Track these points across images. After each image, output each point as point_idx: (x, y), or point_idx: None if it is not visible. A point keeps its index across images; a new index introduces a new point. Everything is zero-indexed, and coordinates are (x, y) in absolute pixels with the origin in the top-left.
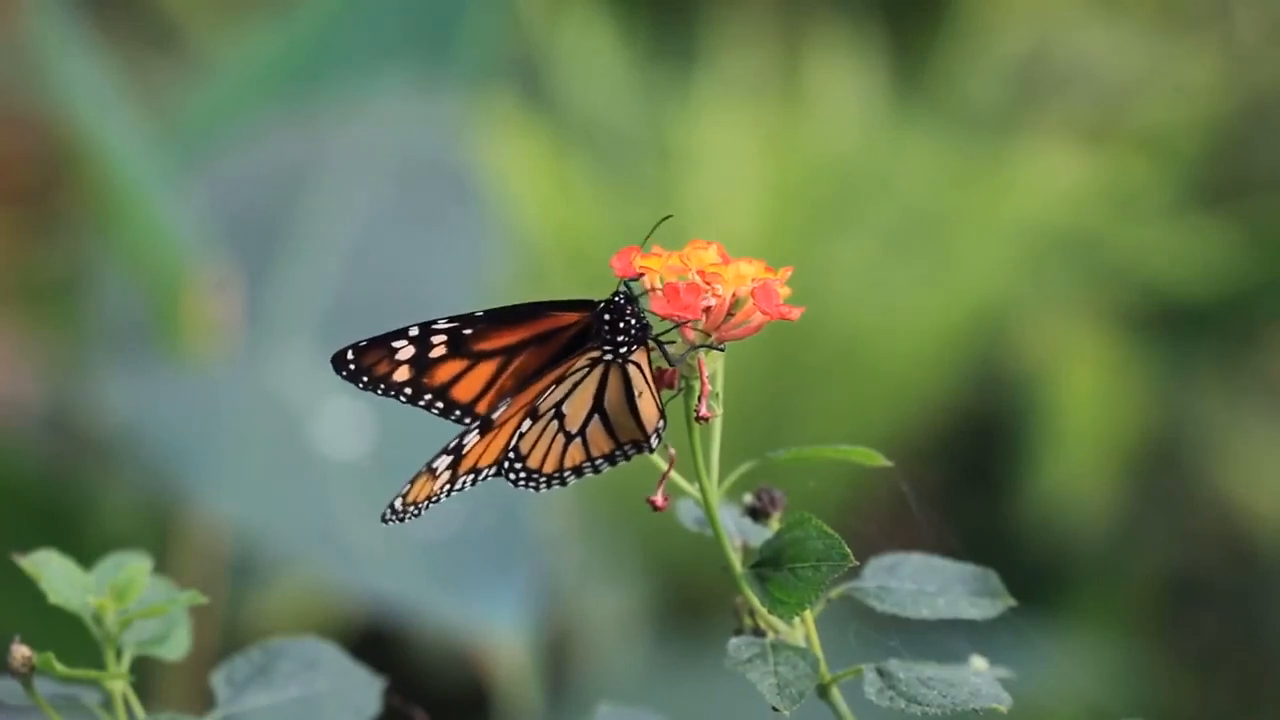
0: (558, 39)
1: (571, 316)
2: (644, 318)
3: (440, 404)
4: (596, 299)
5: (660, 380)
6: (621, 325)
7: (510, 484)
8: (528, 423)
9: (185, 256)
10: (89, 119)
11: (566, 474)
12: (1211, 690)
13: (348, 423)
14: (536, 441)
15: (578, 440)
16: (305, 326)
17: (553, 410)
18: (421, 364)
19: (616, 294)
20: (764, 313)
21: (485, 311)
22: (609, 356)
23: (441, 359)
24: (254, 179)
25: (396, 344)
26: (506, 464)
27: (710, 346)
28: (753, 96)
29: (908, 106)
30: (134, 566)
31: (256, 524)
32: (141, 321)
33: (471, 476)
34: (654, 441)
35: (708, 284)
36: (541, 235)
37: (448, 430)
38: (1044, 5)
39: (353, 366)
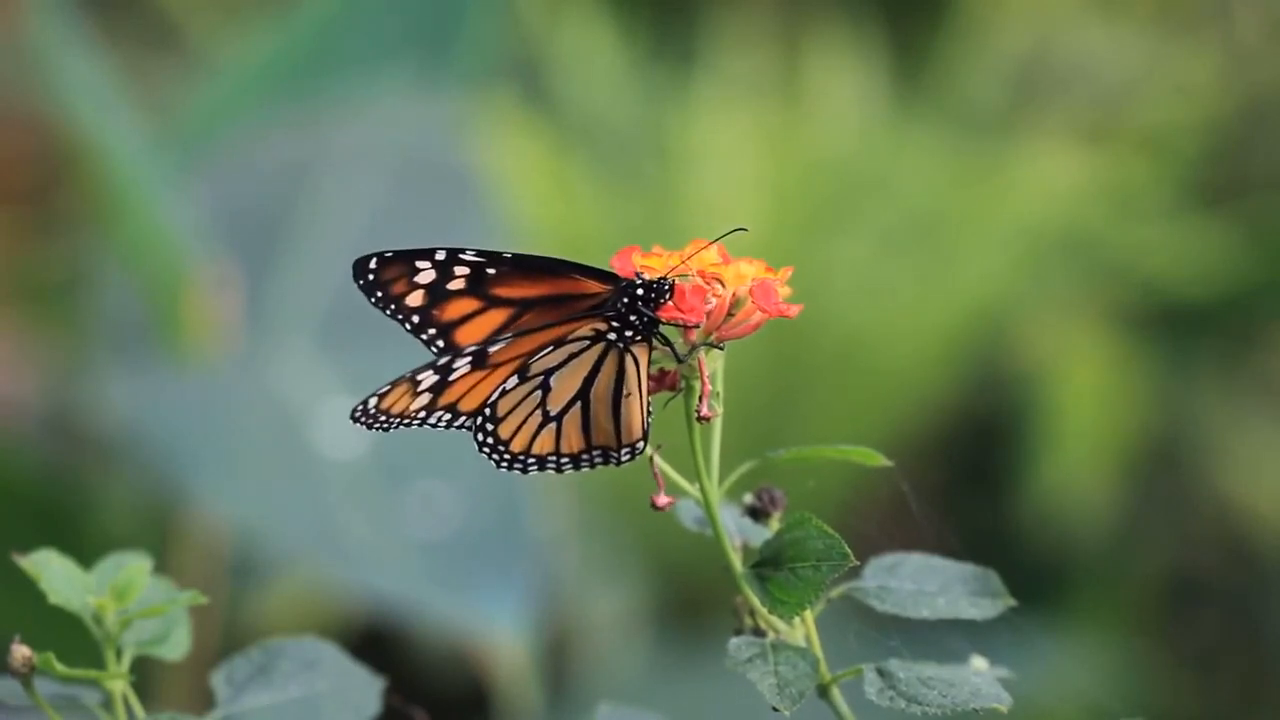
0: (558, 39)
1: (594, 286)
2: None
3: (441, 342)
4: (621, 275)
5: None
6: (640, 307)
7: (476, 446)
8: (514, 380)
9: (185, 256)
10: (89, 119)
11: (530, 460)
12: (1211, 690)
13: (348, 423)
14: (515, 408)
15: (552, 426)
16: (305, 326)
17: (542, 377)
18: (437, 294)
19: (659, 280)
20: (763, 310)
21: (513, 255)
22: (612, 336)
23: (458, 293)
24: (254, 179)
25: (420, 264)
26: (480, 420)
27: (711, 345)
28: (753, 96)
29: (908, 106)
30: (134, 566)
31: (256, 524)
32: (141, 321)
33: (448, 416)
34: (625, 456)
35: (709, 284)
36: (541, 235)
37: (447, 434)
38: (1044, 5)
39: (371, 277)
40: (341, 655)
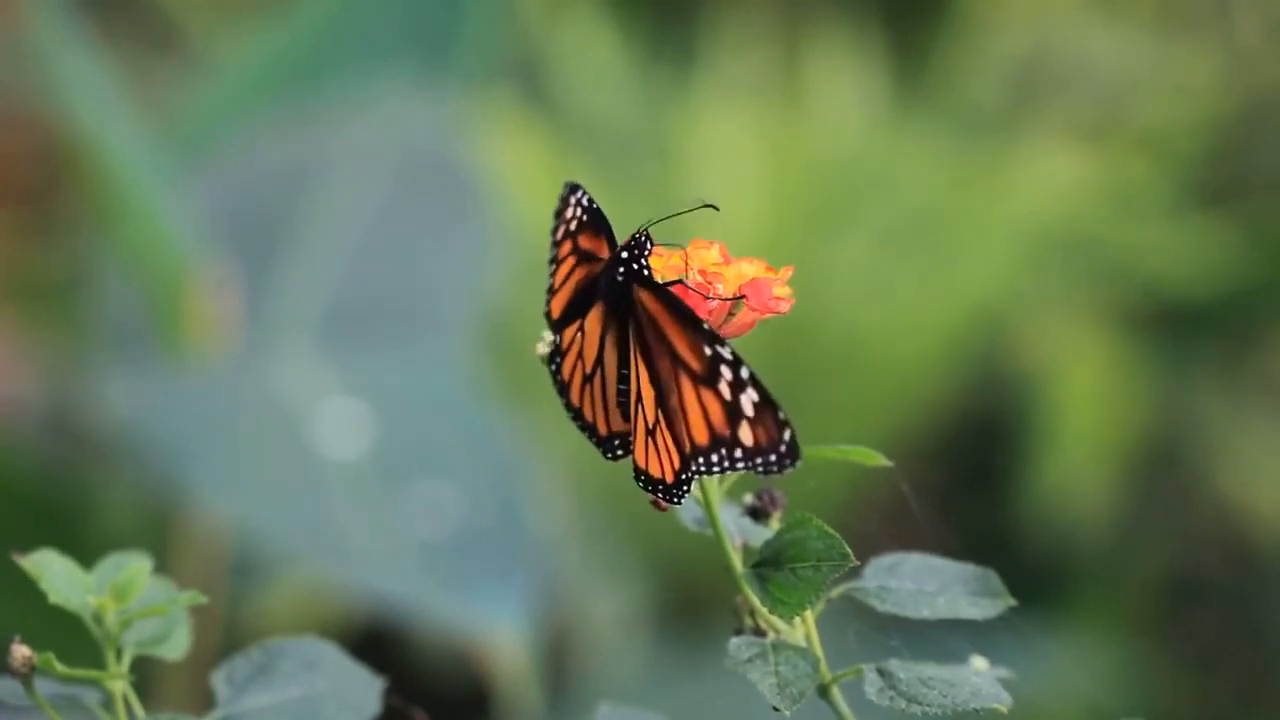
0: (558, 39)
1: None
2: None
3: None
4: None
5: None
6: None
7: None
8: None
9: (185, 256)
10: (89, 119)
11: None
12: (1211, 690)
13: (348, 423)
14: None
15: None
16: (305, 326)
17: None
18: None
19: (636, 234)
20: (752, 308)
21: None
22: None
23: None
24: (254, 179)
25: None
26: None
27: None
28: (753, 96)
29: (908, 107)
30: (134, 566)
31: (256, 524)
32: (141, 321)
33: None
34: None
35: (709, 284)
36: (541, 235)
37: (446, 431)
38: (1044, 5)
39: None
40: (341, 655)
